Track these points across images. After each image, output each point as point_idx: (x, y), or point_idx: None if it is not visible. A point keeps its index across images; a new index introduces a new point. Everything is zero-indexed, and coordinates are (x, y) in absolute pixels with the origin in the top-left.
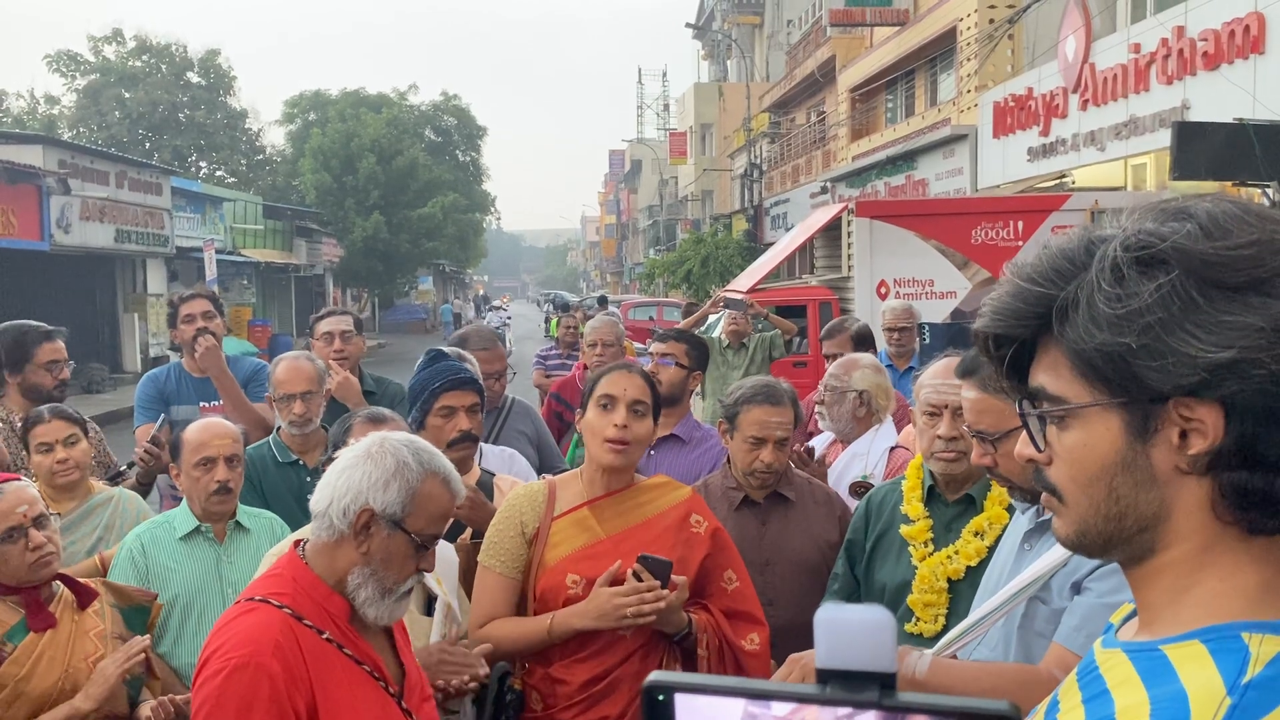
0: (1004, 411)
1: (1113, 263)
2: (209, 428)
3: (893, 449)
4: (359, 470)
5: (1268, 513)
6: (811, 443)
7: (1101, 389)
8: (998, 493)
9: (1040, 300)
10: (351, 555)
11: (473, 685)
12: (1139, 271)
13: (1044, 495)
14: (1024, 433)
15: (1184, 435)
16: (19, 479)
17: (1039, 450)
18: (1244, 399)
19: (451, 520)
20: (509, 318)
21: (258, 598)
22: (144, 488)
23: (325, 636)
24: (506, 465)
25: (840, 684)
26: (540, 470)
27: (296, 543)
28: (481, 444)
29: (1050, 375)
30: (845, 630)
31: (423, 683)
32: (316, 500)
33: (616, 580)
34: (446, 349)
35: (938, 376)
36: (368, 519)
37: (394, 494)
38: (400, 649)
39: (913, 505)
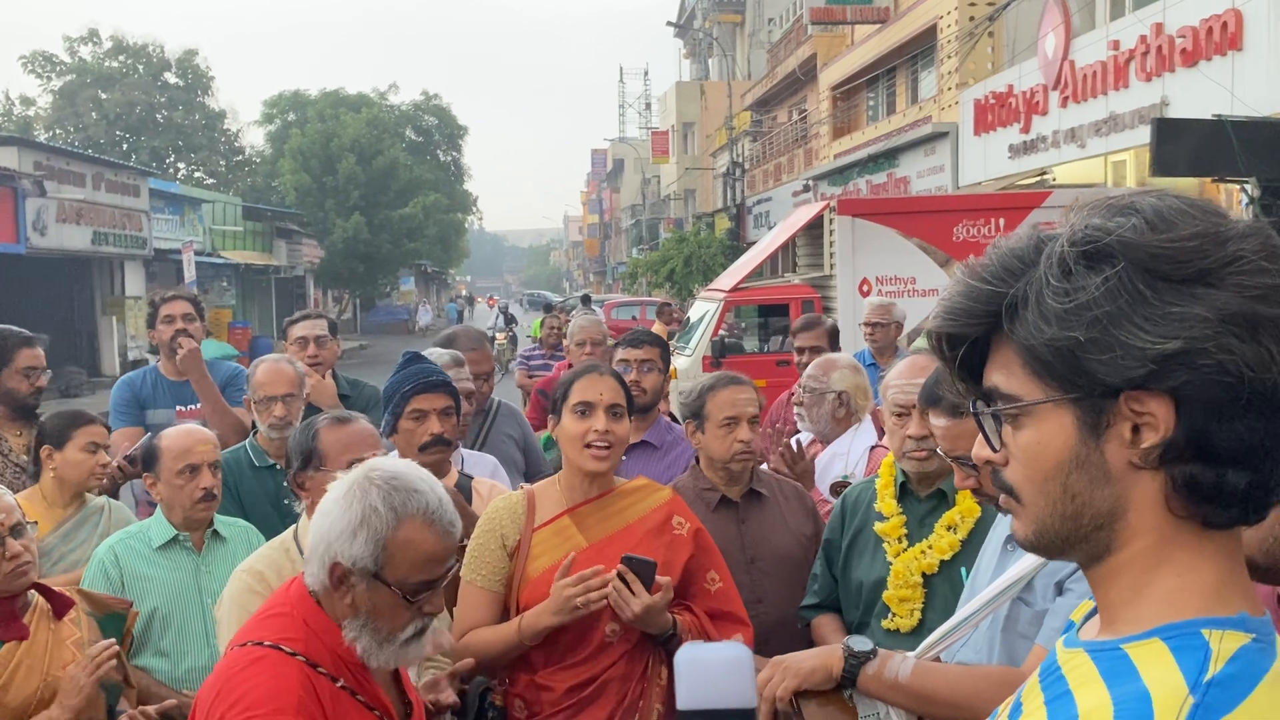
0: (977, 433)
1: (1060, 258)
2: (190, 434)
3: (873, 448)
4: (329, 517)
5: (1220, 505)
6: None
7: (1053, 385)
8: None
9: (990, 298)
10: (342, 605)
11: (450, 701)
12: (1086, 266)
13: (1002, 496)
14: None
15: (1136, 430)
16: None
17: (994, 450)
18: (1192, 390)
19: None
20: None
21: (267, 642)
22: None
23: (340, 684)
24: (488, 472)
25: None
26: (526, 473)
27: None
28: (463, 450)
29: (1003, 374)
30: (704, 670)
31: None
32: (308, 544)
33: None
34: (438, 349)
35: (904, 376)
36: (341, 573)
37: (362, 545)
38: (405, 684)
39: (886, 502)
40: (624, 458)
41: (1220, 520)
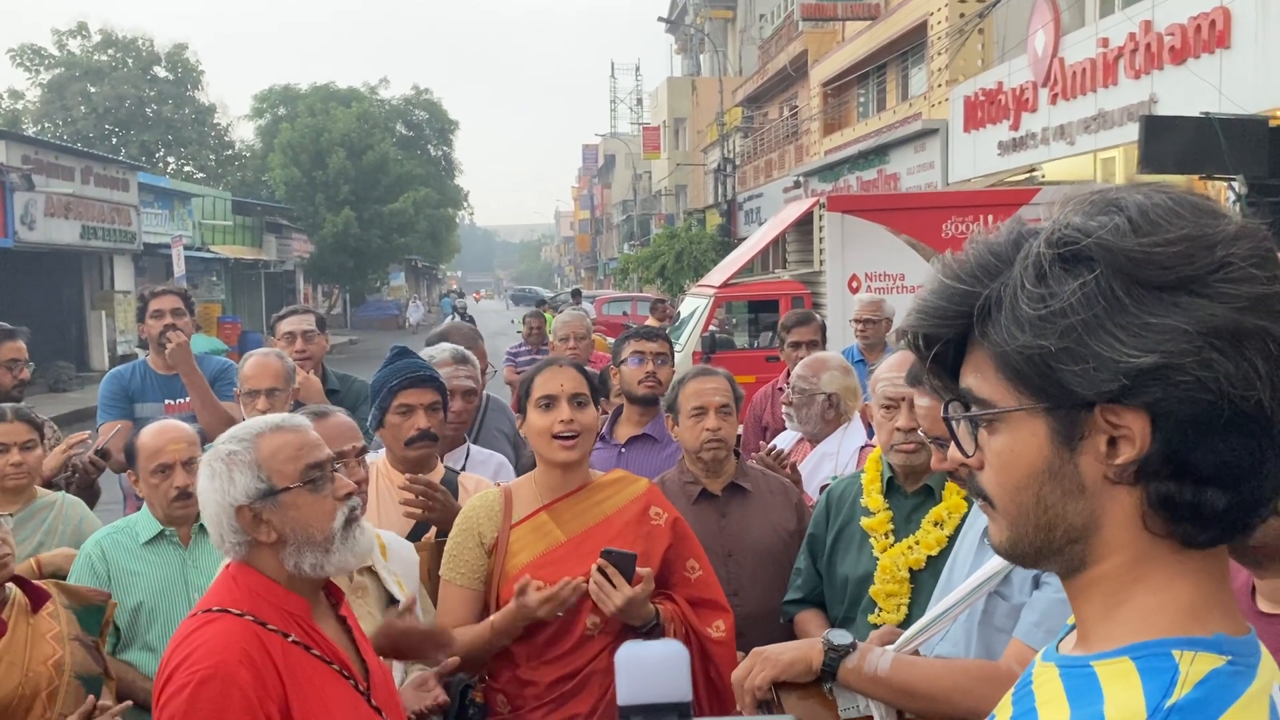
0: None
1: (1036, 260)
2: (164, 431)
3: (863, 448)
4: (207, 493)
5: (1198, 525)
6: (776, 441)
7: (1026, 393)
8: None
9: (964, 299)
10: (269, 549)
11: (441, 700)
12: (1062, 269)
13: (979, 501)
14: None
15: (1112, 443)
16: None
17: (967, 455)
18: (1169, 406)
19: (414, 522)
20: None
21: (215, 609)
22: (85, 493)
23: (291, 639)
24: (492, 471)
25: (642, 718)
26: (518, 467)
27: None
28: (470, 445)
29: (977, 377)
30: (643, 667)
31: (387, 678)
32: (210, 532)
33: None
34: (443, 344)
35: (893, 369)
36: (249, 513)
37: (243, 479)
38: (360, 645)
39: (872, 497)
40: (623, 449)
41: (1198, 539)
